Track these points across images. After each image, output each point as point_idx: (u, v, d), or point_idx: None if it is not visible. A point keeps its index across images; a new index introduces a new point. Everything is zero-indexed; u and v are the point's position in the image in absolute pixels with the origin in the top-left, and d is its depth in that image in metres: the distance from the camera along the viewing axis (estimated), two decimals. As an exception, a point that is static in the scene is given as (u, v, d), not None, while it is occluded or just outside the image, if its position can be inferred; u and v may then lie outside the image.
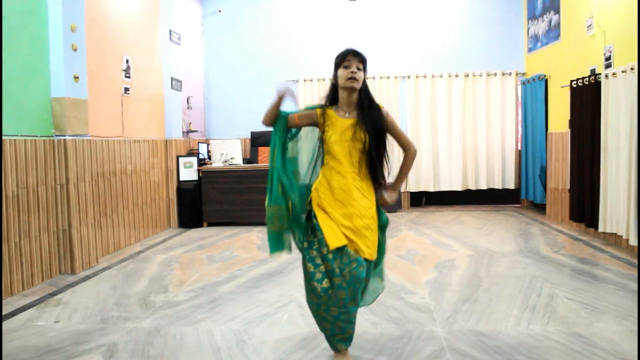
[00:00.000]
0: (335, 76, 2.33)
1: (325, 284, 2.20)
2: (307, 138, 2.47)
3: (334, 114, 2.34)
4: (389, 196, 2.38)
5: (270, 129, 2.39)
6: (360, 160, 2.30)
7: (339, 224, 2.23)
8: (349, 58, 2.28)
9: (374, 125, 2.29)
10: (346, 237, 2.21)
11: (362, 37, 7.52)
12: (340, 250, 2.20)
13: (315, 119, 2.36)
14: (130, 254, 4.87)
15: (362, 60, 2.31)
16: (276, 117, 2.36)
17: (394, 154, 2.59)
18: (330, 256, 2.20)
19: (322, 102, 2.42)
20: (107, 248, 4.88)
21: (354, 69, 2.28)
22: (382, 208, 2.40)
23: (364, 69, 2.32)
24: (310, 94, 7.55)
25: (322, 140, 2.38)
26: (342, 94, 2.34)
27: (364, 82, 2.34)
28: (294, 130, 2.42)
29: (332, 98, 2.39)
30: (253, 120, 7.74)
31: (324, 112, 2.35)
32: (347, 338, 2.35)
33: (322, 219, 2.26)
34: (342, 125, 2.30)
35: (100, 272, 4.21)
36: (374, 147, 2.27)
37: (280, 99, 2.31)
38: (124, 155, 5.20)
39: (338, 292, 2.19)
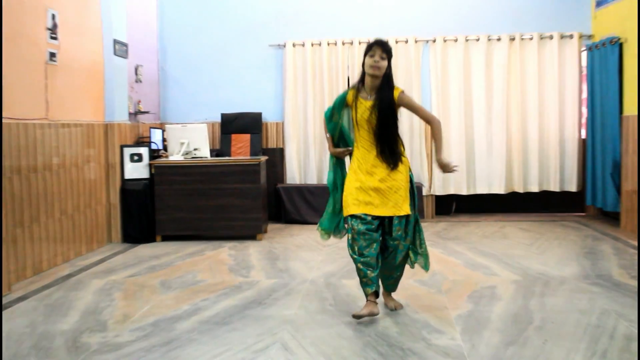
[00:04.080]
0: (364, 62, 3.61)
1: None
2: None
3: (359, 96, 3.67)
4: (443, 165, 3.61)
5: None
6: (375, 139, 3.63)
7: (365, 189, 3.63)
8: (375, 48, 3.54)
9: (384, 106, 3.57)
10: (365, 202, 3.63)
11: (372, -14, 7.51)
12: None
13: (344, 101, 3.73)
14: (55, 278, 4.84)
15: (386, 50, 3.56)
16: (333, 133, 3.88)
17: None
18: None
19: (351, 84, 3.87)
20: (23, 271, 4.83)
21: (377, 58, 3.54)
22: (443, 171, 3.65)
23: (388, 59, 3.58)
24: (301, 61, 7.53)
25: (352, 118, 3.72)
26: (367, 78, 3.64)
27: (389, 69, 3.60)
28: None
29: (362, 81, 3.68)
30: (224, 99, 7.73)
31: (354, 95, 3.69)
32: (371, 280, 3.58)
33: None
34: (363, 106, 3.63)
35: (13, 303, 4.17)
36: (381, 124, 3.58)
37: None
38: (48, 145, 5.16)
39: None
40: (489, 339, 3.31)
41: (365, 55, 3.60)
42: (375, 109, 3.57)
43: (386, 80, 3.62)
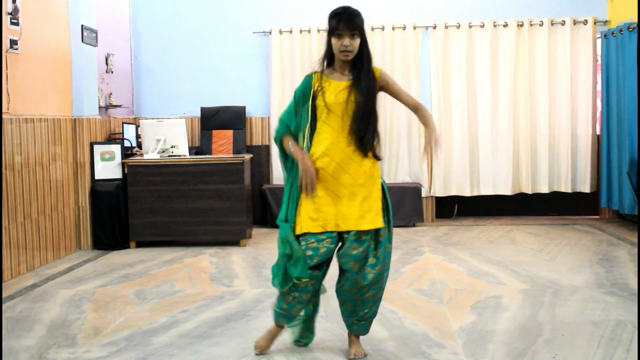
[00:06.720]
0: (329, 41, 3.14)
1: None
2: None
3: (328, 77, 3.21)
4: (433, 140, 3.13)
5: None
6: (353, 126, 3.14)
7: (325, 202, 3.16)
8: (341, 28, 3.05)
9: (369, 86, 3.15)
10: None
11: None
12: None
13: (309, 89, 3.22)
14: (18, 288, 4.82)
15: (355, 27, 3.07)
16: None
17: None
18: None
19: (316, 66, 3.27)
20: (-16, 280, 4.82)
21: (346, 41, 3.07)
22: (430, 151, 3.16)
23: (361, 35, 3.12)
24: (289, 51, 7.54)
25: (314, 107, 3.22)
26: (337, 59, 3.19)
27: (363, 45, 3.14)
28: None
29: (329, 60, 3.23)
30: (205, 91, 7.71)
31: (319, 77, 3.22)
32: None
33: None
34: (336, 88, 3.16)
35: (-27, 316, 4.16)
36: (366, 109, 3.13)
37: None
38: (9, 142, 5.15)
39: None
40: (494, 353, 3.31)
41: (330, 33, 3.11)
42: (355, 88, 3.12)
43: (363, 57, 3.16)
